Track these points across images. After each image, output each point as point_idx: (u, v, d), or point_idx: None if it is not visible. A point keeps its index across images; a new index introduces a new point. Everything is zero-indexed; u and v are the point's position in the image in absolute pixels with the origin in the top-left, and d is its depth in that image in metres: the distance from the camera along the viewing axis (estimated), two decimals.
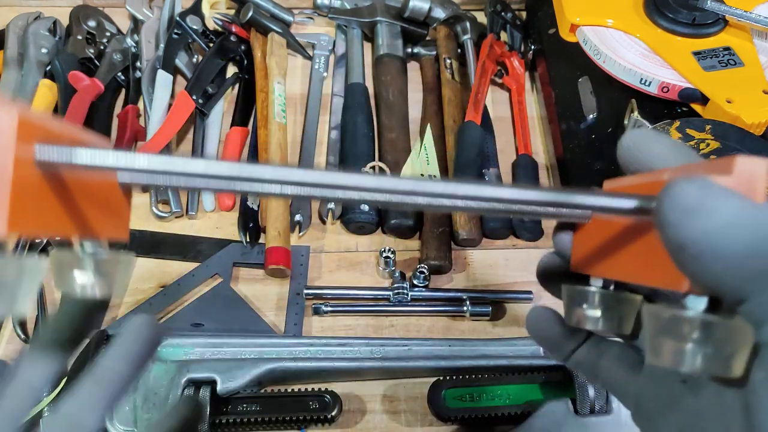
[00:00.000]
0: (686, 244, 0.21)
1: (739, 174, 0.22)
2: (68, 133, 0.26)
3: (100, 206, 0.28)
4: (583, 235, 0.31)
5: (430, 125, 0.72)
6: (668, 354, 0.23)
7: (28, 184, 0.22)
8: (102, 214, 0.29)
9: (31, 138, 0.22)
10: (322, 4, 0.83)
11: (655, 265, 0.25)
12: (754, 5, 0.71)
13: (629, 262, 0.27)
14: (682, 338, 0.23)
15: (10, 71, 0.74)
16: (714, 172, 0.23)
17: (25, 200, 0.22)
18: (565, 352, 0.34)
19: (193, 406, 0.35)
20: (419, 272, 0.62)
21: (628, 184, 0.28)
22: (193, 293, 0.62)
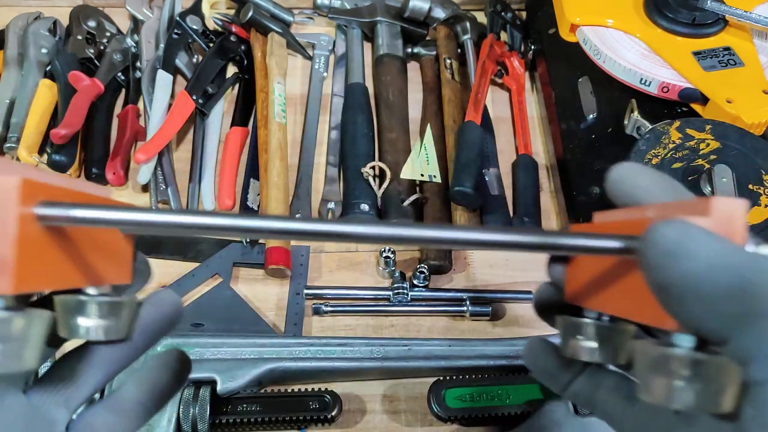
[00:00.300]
0: (669, 286, 0.22)
1: (717, 215, 0.23)
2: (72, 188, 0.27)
3: (103, 252, 0.29)
4: (576, 268, 0.32)
5: (430, 125, 0.72)
6: (659, 391, 0.23)
7: (32, 241, 0.23)
8: (106, 259, 0.29)
9: (33, 198, 0.23)
10: (322, 4, 0.83)
11: (642, 302, 0.25)
12: (754, 5, 0.71)
13: (618, 296, 0.27)
14: (672, 376, 0.23)
15: (10, 71, 0.74)
16: (692, 213, 0.23)
17: (30, 257, 0.23)
18: (562, 383, 0.34)
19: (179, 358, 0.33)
20: (419, 272, 0.62)
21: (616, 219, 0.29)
22: (193, 293, 0.62)
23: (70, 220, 0.24)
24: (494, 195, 0.68)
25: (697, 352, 0.23)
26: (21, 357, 0.23)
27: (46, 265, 0.25)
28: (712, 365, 0.22)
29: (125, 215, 0.25)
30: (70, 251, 0.26)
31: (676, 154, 0.59)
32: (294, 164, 0.72)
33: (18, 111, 0.70)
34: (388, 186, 0.67)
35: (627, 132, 0.67)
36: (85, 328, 0.27)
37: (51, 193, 0.25)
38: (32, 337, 0.24)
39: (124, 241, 0.31)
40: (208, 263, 0.64)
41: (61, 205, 0.24)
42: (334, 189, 0.70)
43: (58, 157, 0.67)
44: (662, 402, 0.23)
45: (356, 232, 0.25)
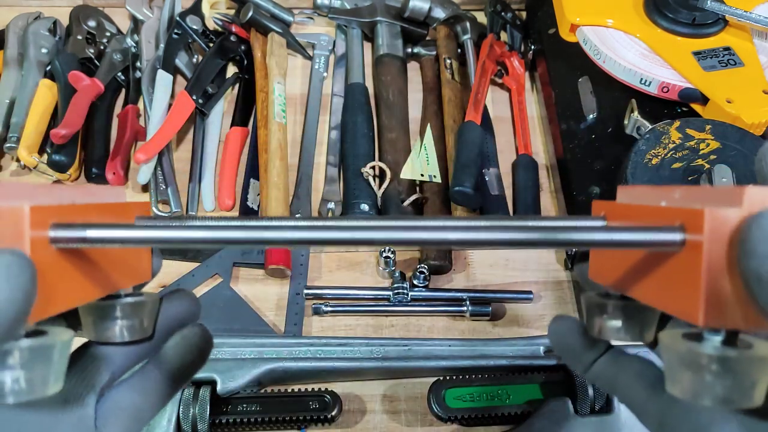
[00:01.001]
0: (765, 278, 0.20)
1: (751, 204, 0.22)
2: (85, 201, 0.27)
3: (121, 259, 0.29)
4: None
5: (430, 125, 0.72)
6: (688, 386, 0.23)
7: (47, 266, 0.23)
8: (124, 264, 0.29)
9: (44, 221, 0.23)
10: (322, 4, 0.83)
11: (672, 292, 0.24)
12: (754, 5, 0.71)
13: (646, 282, 0.27)
14: (700, 371, 0.22)
15: (10, 71, 0.74)
16: (723, 201, 0.22)
17: (46, 282, 0.23)
18: (585, 362, 0.34)
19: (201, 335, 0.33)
20: (419, 272, 0.62)
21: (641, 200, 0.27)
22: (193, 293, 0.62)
23: (85, 241, 0.24)
24: (494, 195, 0.68)
25: (727, 347, 0.22)
26: (46, 382, 0.23)
27: (64, 286, 0.25)
28: (742, 360, 0.22)
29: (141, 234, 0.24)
30: (90, 264, 0.26)
31: (676, 154, 0.59)
32: (294, 164, 0.72)
33: (18, 111, 0.70)
34: (388, 186, 0.67)
35: (627, 132, 0.67)
36: (111, 330, 0.28)
37: (62, 213, 0.24)
38: (55, 362, 0.23)
39: None
40: (208, 263, 0.64)
41: (75, 226, 0.24)
42: (334, 189, 0.70)
43: (58, 157, 0.67)
44: (691, 397, 0.23)
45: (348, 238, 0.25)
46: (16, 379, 0.22)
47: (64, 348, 0.24)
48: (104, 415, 0.28)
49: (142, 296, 0.29)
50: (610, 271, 0.30)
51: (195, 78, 0.74)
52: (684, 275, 0.23)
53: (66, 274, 0.25)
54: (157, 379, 0.31)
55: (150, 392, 0.30)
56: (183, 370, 0.31)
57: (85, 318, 0.28)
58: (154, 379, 0.30)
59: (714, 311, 0.22)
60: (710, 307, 0.22)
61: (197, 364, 0.32)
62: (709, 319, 0.22)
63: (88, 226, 0.24)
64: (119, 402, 0.29)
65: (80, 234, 0.24)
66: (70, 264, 0.25)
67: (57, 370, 0.24)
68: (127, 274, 0.30)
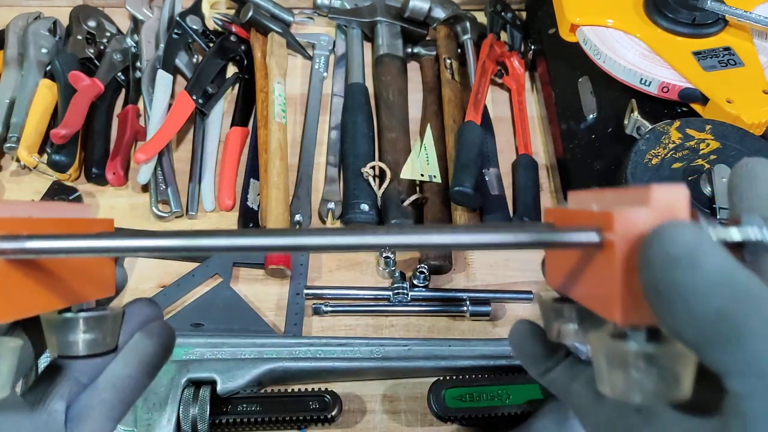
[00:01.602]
0: (662, 290, 0.21)
1: (658, 204, 0.22)
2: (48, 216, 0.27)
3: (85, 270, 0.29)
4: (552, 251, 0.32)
5: (430, 125, 0.72)
6: (617, 384, 0.23)
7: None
8: (88, 276, 0.30)
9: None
10: (322, 4, 0.83)
11: (597, 292, 0.25)
12: (754, 5, 0.71)
13: (580, 283, 0.27)
14: (627, 368, 0.23)
15: (10, 71, 0.74)
16: (634, 202, 0.23)
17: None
18: (541, 369, 0.34)
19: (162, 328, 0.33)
20: (419, 272, 0.62)
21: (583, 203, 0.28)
22: (193, 293, 0.62)
23: (26, 252, 0.24)
24: (494, 195, 0.68)
25: (650, 343, 0.23)
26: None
27: (16, 296, 0.25)
28: (664, 355, 0.22)
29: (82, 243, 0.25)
30: (47, 277, 0.27)
31: (676, 154, 0.59)
32: (294, 164, 0.72)
33: (18, 111, 0.70)
34: (388, 186, 0.67)
35: (627, 132, 0.67)
36: (73, 344, 0.28)
37: (13, 226, 0.25)
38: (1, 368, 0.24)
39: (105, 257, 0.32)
40: (208, 263, 0.64)
41: (17, 238, 0.24)
42: (334, 189, 0.70)
43: (58, 157, 0.67)
44: (621, 395, 0.23)
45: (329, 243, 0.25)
46: None
47: (9, 354, 0.25)
48: (75, 417, 0.29)
49: (105, 310, 0.30)
50: (558, 275, 0.30)
51: (195, 78, 0.74)
52: (604, 275, 0.24)
53: (17, 285, 0.25)
54: (124, 374, 0.31)
55: (119, 387, 0.31)
56: (148, 362, 0.32)
57: (48, 333, 0.29)
58: (120, 374, 0.31)
59: (632, 309, 0.23)
60: (627, 305, 0.23)
61: (162, 355, 0.33)
62: (627, 316, 0.23)
63: (30, 237, 0.24)
64: (88, 401, 0.30)
65: (21, 245, 0.24)
66: (24, 275, 0.25)
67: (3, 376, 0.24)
68: (90, 287, 0.30)
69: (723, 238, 0.23)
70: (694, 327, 0.21)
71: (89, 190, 0.70)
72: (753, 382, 0.21)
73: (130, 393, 0.31)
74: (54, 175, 0.69)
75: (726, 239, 0.23)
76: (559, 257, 0.30)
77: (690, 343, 0.22)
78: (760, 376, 0.21)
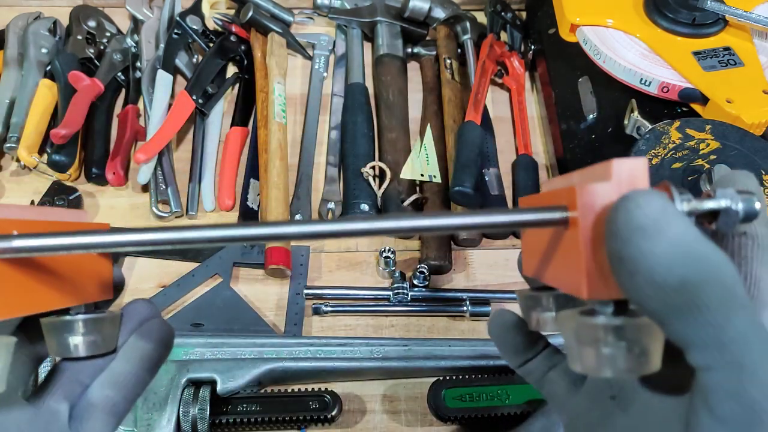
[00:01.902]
0: (625, 259, 0.21)
1: (619, 177, 0.23)
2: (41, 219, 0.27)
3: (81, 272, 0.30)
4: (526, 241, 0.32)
5: (430, 125, 0.72)
6: (588, 361, 0.23)
7: None
8: (86, 278, 0.30)
9: None
10: (322, 4, 0.83)
11: (565, 271, 0.25)
12: (754, 5, 0.71)
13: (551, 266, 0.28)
14: (596, 343, 0.23)
15: (10, 71, 0.74)
16: (597, 178, 0.23)
17: None
18: (521, 360, 0.35)
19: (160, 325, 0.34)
20: (419, 272, 0.62)
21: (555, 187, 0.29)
22: (193, 293, 0.62)
23: (15, 251, 0.25)
24: (494, 195, 0.68)
25: (617, 317, 0.23)
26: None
27: (9, 295, 0.25)
28: (631, 327, 0.23)
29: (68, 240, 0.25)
30: (44, 278, 0.27)
31: (676, 154, 0.59)
32: (294, 164, 0.72)
33: (18, 111, 0.70)
34: (388, 186, 0.67)
35: (627, 132, 0.67)
36: (72, 346, 0.29)
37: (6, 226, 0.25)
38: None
39: (102, 259, 0.32)
40: (208, 263, 0.64)
41: (5, 237, 0.25)
42: (334, 189, 0.70)
43: (58, 157, 0.67)
44: (593, 371, 0.23)
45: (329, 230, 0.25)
46: None
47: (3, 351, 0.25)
48: (79, 415, 0.30)
49: (103, 312, 0.30)
50: (532, 261, 0.30)
51: (195, 78, 0.74)
52: (570, 252, 0.24)
53: (13, 284, 0.25)
54: (125, 372, 0.31)
55: (121, 385, 0.31)
56: (149, 359, 0.32)
57: (48, 336, 0.29)
58: (121, 372, 0.31)
59: (597, 283, 0.23)
60: (592, 279, 0.23)
61: (161, 353, 0.33)
62: (592, 291, 0.23)
63: (19, 236, 0.25)
64: (91, 400, 0.30)
65: (9, 244, 0.24)
66: (20, 275, 0.26)
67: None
68: (88, 289, 0.31)
69: (695, 207, 0.23)
70: (656, 297, 0.21)
71: (89, 190, 0.70)
72: (713, 354, 0.21)
73: (132, 390, 0.32)
74: (54, 175, 0.69)
75: (698, 209, 0.23)
76: (532, 244, 0.30)
77: (654, 315, 0.22)
78: (719, 348, 0.21)
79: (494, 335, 0.36)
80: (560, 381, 0.33)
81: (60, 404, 0.29)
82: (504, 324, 0.35)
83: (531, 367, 0.34)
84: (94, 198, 0.69)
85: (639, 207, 0.21)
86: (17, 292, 0.26)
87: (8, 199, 0.69)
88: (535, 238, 0.30)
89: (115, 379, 0.31)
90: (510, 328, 0.35)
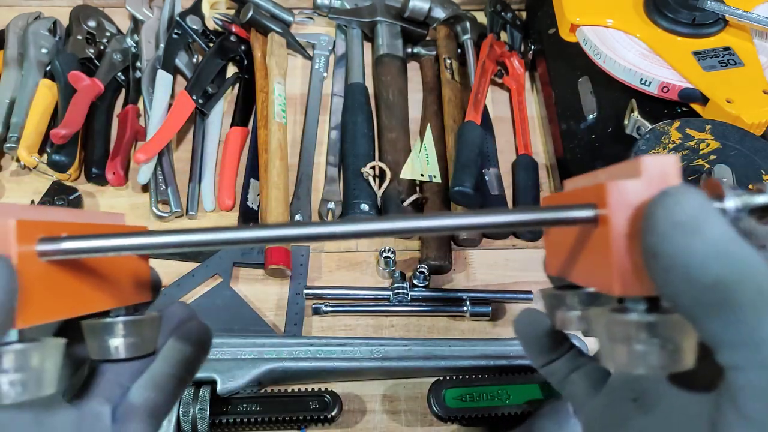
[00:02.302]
0: (662, 254, 0.21)
1: (649, 174, 0.23)
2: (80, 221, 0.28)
3: (121, 275, 0.30)
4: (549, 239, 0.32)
5: (430, 125, 0.72)
6: (621, 358, 0.23)
7: (35, 277, 0.24)
8: (126, 280, 0.31)
9: (32, 236, 0.24)
10: (322, 4, 0.83)
11: (595, 268, 0.25)
12: (754, 5, 0.71)
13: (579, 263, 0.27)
14: (630, 341, 0.23)
15: (10, 71, 0.74)
16: (627, 175, 0.23)
17: (35, 292, 0.24)
18: (545, 359, 0.35)
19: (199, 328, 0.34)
20: (419, 272, 0.62)
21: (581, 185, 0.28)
22: (193, 293, 0.62)
23: (64, 252, 0.25)
24: (494, 195, 0.68)
25: (650, 314, 0.23)
26: (40, 384, 0.24)
27: (56, 297, 0.26)
28: (664, 324, 0.23)
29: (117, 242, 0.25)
30: (85, 280, 0.27)
31: (676, 154, 0.59)
32: (294, 164, 0.72)
33: (18, 111, 0.70)
34: (388, 186, 0.67)
35: (627, 132, 0.67)
36: (113, 348, 0.29)
37: (51, 229, 0.25)
38: (48, 365, 0.25)
39: (140, 261, 0.32)
40: (208, 263, 0.64)
41: (56, 239, 0.25)
42: (334, 189, 0.70)
43: (58, 157, 0.67)
44: (626, 368, 0.23)
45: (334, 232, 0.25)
46: (11, 382, 0.23)
47: (54, 351, 0.25)
48: (121, 417, 0.30)
49: (142, 314, 0.31)
50: (557, 260, 0.30)
51: (195, 78, 0.74)
52: (601, 250, 0.24)
53: (57, 287, 0.26)
54: (165, 373, 0.32)
55: (162, 387, 0.31)
56: (188, 361, 0.32)
57: (89, 338, 0.29)
58: (161, 373, 0.32)
59: (629, 280, 0.23)
60: (624, 276, 0.23)
61: (200, 354, 0.33)
62: (624, 287, 0.23)
63: (66, 238, 0.25)
64: (133, 402, 0.31)
65: (58, 246, 0.25)
66: (63, 277, 0.26)
67: (50, 373, 0.25)
68: (128, 291, 0.31)
69: (747, 202, 0.23)
70: (690, 294, 0.21)
71: (89, 190, 0.70)
72: (744, 354, 0.21)
73: (172, 392, 0.32)
74: (54, 175, 0.69)
75: (750, 203, 0.23)
76: (557, 243, 0.30)
77: (686, 311, 0.22)
78: (751, 348, 0.21)
79: (520, 334, 0.36)
80: (582, 383, 0.33)
81: (103, 406, 0.30)
82: (531, 323, 0.35)
83: (554, 368, 0.34)
84: (94, 198, 0.69)
85: (678, 203, 0.21)
86: (66, 295, 0.26)
87: (8, 199, 0.69)
88: (559, 237, 0.30)
89: (156, 381, 0.31)
90: (536, 328, 0.35)
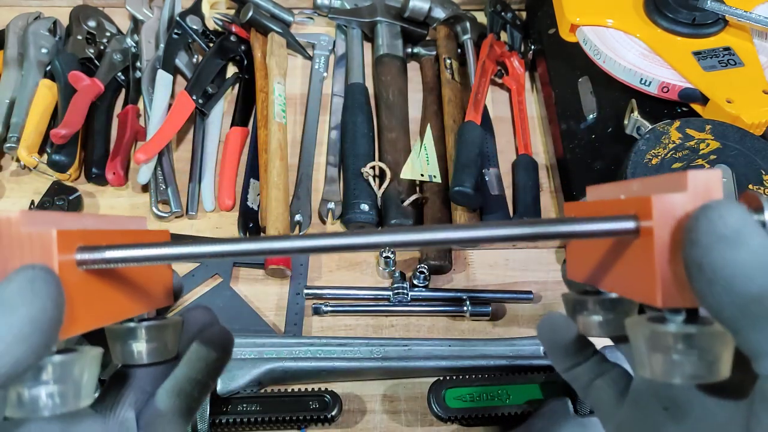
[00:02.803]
0: (705, 267, 0.21)
1: (695, 188, 0.23)
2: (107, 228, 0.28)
3: (148, 280, 0.30)
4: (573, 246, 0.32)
5: (430, 125, 0.72)
6: (657, 367, 0.24)
7: (75, 286, 0.24)
8: (151, 286, 0.31)
9: (71, 245, 0.25)
10: (322, 4, 0.83)
11: (634, 279, 0.25)
12: (754, 5, 0.71)
13: (612, 272, 0.28)
14: (668, 351, 0.23)
15: (10, 71, 0.74)
16: (671, 188, 0.24)
17: (75, 302, 0.24)
18: (569, 364, 0.34)
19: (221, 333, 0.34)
20: (419, 272, 0.62)
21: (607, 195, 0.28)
22: (193, 293, 0.62)
23: (105, 262, 0.25)
24: (494, 195, 0.68)
25: (689, 325, 0.23)
26: (78, 395, 0.25)
27: (93, 306, 0.26)
28: (703, 336, 0.23)
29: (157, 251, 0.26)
30: (117, 287, 0.28)
31: (676, 154, 0.59)
32: (294, 164, 0.72)
33: (18, 111, 0.70)
34: (388, 186, 0.67)
35: (627, 132, 0.67)
36: (136, 353, 0.29)
37: (86, 237, 0.26)
38: (86, 376, 0.25)
39: (165, 266, 0.33)
40: (208, 263, 0.64)
41: (96, 248, 0.25)
42: (334, 189, 0.70)
43: (58, 157, 0.67)
44: (662, 377, 0.23)
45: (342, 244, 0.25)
46: (50, 394, 0.23)
47: (93, 362, 0.25)
48: (147, 424, 0.30)
49: (165, 319, 0.31)
50: (583, 267, 0.30)
51: (195, 78, 0.74)
52: (642, 260, 0.24)
53: (93, 295, 0.26)
54: (190, 379, 0.32)
55: (186, 392, 0.31)
56: (211, 366, 0.32)
57: (112, 343, 0.29)
58: (186, 379, 0.31)
59: (671, 291, 0.23)
60: (667, 287, 0.23)
61: (223, 359, 0.33)
62: (666, 299, 0.23)
63: (107, 247, 0.25)
64: (158, 407, 0.31)
65: (100, 255, 0.25)
66: (98, 286, 0.26)
67: (88, 384, 0.25)
68: (152, 297, 0.31)
69: None
70: (733, 306, 0.21)
71: (89, 190, 0.70)
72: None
73: (196, 397, 0.32)
74: (54, 175, 0.69)
75: None
76: (582, 251, 0.30)
77: (728, 323, 0.22)
78: None
79: (544, 337, 0.36)
80: (608, 390, 0.33)
81: (128, 413, 0.29)
82: (554, 327, 0.35)
83: (578, 373, 0.34)
84: (94, 198, 0.69)
85: (721, 217, 0.21)
86: (100, 303, 0.26)
87: (8, 199, 0.69)
88: (586, 245, 0.30)
89: (180, 386, 0.31)
90: (560, 331, 0.35)
